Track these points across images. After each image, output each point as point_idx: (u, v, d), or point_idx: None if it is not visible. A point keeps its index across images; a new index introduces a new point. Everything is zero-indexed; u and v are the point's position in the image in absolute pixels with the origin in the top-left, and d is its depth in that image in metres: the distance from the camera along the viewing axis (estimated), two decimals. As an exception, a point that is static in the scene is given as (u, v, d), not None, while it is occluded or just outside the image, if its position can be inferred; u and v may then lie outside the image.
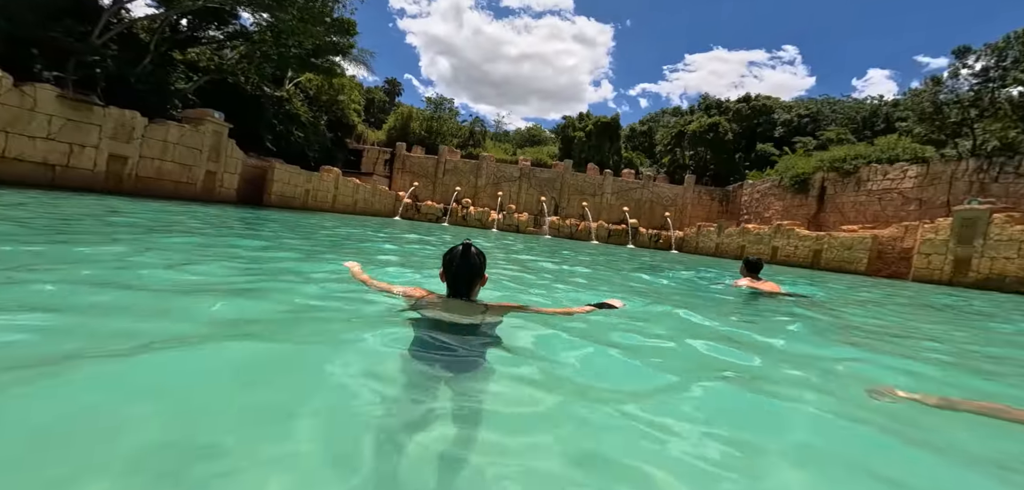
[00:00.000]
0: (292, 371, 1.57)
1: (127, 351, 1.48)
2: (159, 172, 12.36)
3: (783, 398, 1.78)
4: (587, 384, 1.74)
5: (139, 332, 1.69)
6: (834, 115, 33.31)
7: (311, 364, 1.63)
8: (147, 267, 2.97)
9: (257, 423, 1.17)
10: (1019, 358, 3.41)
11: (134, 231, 4.92)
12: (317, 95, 25.21)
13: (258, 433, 1.13)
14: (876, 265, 17.82)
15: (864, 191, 21.65)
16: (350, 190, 21.65)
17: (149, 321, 1.90)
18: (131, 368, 1.38)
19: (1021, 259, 13.25)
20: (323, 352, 1.75)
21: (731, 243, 23.90)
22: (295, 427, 1.15)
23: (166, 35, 17.72)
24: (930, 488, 1.26)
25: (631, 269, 8.44)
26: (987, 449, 1.45)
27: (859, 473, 1.27)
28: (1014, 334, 4.64)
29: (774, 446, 1.37)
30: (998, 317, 6.05)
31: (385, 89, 42.56)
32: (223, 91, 19.03)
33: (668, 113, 44.33)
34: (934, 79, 22.27)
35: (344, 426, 1.21)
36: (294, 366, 1.61)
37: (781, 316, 3.56)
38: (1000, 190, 16.73)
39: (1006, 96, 19.63)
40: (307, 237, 6.93)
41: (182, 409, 1.20)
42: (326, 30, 18.62)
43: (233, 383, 1.41)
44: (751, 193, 28.04)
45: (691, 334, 2.76)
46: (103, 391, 1.23)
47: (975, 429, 1.52)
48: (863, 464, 1.32)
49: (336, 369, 1.57)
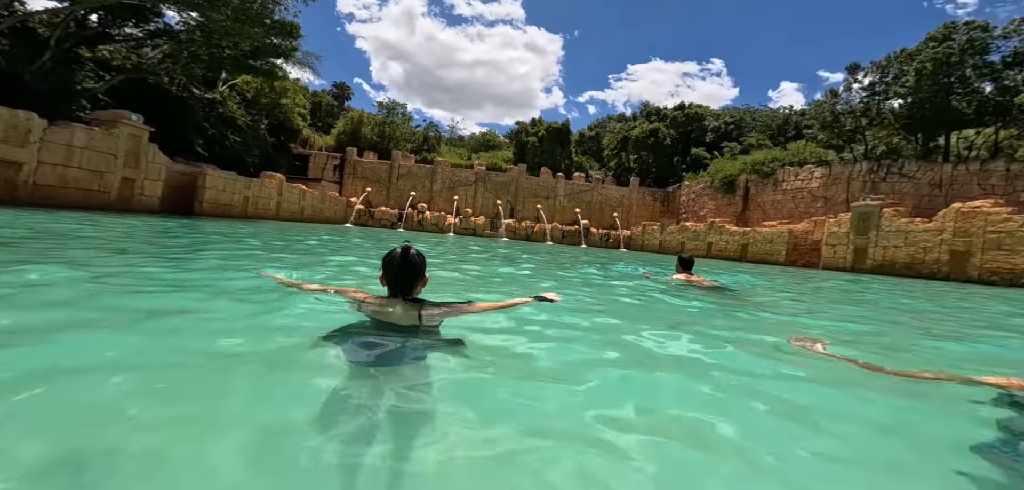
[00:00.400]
0: (214, 391, 1.44)
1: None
2: (63, 179, 11.10)
3: (710, 346, 2.34)
4: (528, 371, 1.84)
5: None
6: (755, 122, 37.09)
7: (237, 381, 1.52)
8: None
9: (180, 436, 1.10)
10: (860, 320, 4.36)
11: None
12: (256, 98, 23.71)
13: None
14: (793, 256, 20.20)
15: (780, 191, 24.36)
16: (296, 197, 20.66)
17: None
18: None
19: (907, 247, 15.75)
20: (251, 371, 1.62)
21: (673, 240, 25.83)
22: (225, 439, 1.10)
23: (71, 30, 15.89)
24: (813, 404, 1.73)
25: (584, 265, 9.05)
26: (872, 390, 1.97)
27: (755, 394, 1.76)
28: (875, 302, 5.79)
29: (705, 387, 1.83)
30: (855, 293, 7.45)
31: (333, 93, 40.85)
32: (143, 92, 17.40)
33: (614, 119, 46.83)
34: (832, 92, 25.66)
35: (278, 438, 1.14)
36: (217, 386, 1.48)
37: (704, 302, 4.28)
38: (888, 188, 19.68)
39: (889, 107, 23.12)
40: (231, 247, 6.14)
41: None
42: (265, 32, 17.65)
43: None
44: (688, 193, 30.43)
45: (623, 318, 3.20)
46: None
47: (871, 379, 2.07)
48: (758, 388, 1.84)
49: (268, 383, 1.52)
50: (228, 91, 22.10)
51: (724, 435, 1.35)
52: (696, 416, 1.50)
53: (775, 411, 1.60)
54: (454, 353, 1.88)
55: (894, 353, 2.96)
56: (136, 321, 2.14)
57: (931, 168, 19.01)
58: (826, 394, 1.84)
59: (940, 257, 14.70)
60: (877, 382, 1.94)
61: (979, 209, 14.03)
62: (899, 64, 22.08)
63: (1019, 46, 18.94)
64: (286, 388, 1.49)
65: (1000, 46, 19.31)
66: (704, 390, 1.77)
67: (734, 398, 1.73)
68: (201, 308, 2.45)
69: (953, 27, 20.41)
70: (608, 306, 3.92)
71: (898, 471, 1.28)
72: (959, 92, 19.42)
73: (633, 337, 2.58)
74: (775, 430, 1.48)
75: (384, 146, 30.88)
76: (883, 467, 1.29)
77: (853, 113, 24.04)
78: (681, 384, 1.87)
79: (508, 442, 1.21)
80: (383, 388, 1.48)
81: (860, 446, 1.42)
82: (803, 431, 1.46)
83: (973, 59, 19.11)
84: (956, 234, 14.38)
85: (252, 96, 23.62)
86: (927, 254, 15.07)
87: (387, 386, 1.49)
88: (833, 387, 1.92)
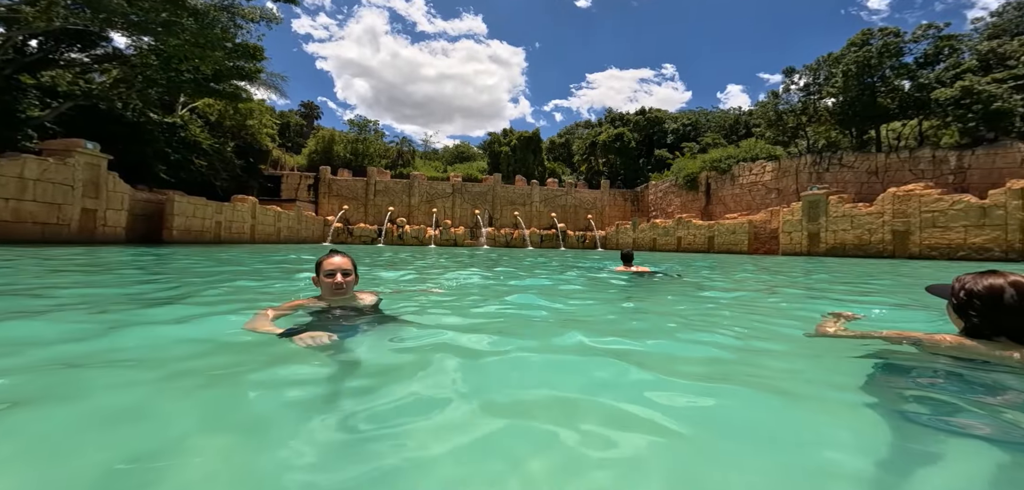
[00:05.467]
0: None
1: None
2: (17, 214, 10.42)
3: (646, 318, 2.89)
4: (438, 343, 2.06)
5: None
6: (709, 123, 39.66)
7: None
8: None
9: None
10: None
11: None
12: (220, 120, 22.74)
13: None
14: (755, 245, 21.88)
15: (738, 185, 26.28)
16: (271, 219, 19.99)
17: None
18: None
19: (854, 230, 17.56)
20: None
21: (645, 236, 27.15)
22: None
23: (9, 57, 14.72)
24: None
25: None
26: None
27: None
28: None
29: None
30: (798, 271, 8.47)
31: (301, 113, 39.66)
32: (95, 118, 16.40)
33: (581, 126, 48.48)
34: (773, 93, 28.07)
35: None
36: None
37: (640, 288, 5.11)
38: (831, 178, 21.82)
39: (824, 105, 25.64)
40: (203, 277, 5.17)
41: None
42: (227, 55, 17.06)
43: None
44: (655, 192, 32.07)
45: (562, 302, 3.73)
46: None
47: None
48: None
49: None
50: (189, 114, 21.08)
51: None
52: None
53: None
54: (395, 324, 2.26)
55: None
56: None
57: (867, 158, 21.30)
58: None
59: (884, 237, 16.55)
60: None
61: (912, 192, 15.96)
62: (828, 67, 24.61)
63: (928, 48, 21.75)
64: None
65: (912, 49, 22.09)
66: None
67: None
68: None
69: (870, 33, 23.06)
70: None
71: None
72: (882, 90, 21.97)
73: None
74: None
75: (358, 163, 30.53)
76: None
77: (793, 112, 26.43)
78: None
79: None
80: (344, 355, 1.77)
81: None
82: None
83: (890, 61, 21.73)
84: (895, 216, 16.27)
85: (215, 119, 22.65)
86: (872, 235, 16.92)
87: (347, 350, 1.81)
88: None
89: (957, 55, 21.26)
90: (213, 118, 22.49)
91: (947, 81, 20.11)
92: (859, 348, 1.86)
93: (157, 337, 2.16)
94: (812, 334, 2.19)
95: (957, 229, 14.67)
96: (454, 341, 2.05)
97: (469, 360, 1.76)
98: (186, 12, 14.39)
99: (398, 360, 1.79)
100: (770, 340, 2.39)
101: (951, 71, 20.46)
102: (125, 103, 17.56)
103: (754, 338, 2.40)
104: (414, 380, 1.54)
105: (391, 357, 1.83)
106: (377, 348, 1.91)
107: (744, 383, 1.60)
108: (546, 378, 1.66)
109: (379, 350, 1.89)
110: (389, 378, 1.58)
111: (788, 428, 1.27)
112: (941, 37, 21.58)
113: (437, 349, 1.88)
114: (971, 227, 14.39)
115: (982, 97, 17.92)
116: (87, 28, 14.56)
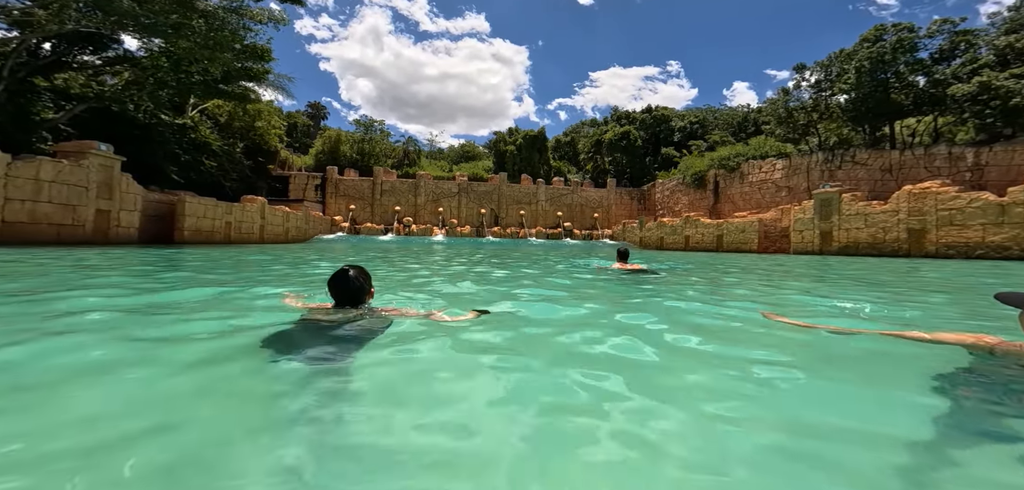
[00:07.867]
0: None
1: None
2: (33, 215, 10.52)
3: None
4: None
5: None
6: (716, 121, 39.29)
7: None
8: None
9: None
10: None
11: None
12: (229, 121, 22.92)
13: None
14: (764, 244, 21.56)
15: (747, 183, 25.98)
16: (280, 219, 20.08)
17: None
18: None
19: (868, 228, 17.26)
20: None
21: (652, 235, 26.94)
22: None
23: (22, 59, 14.90)
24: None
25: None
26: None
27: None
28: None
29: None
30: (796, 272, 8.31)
31: (308, 113, 40.02)
32: (107, 120, 16.57)
33: (586, 124, 48.33)
34: (784, 90, 27.74)
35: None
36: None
37: (619, 280, 5.36)
38: (844, 176, 21.48)
39: (836, 102, 25.28)
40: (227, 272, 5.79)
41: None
42: (236, 56, 17.17)
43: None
44: (662, 191, 31.82)
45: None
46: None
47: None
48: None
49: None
50: (199, 116, 21.25)
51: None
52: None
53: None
54: (400, 339, 2.14)
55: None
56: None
57: (880, 155, 20.95)
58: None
59: (899, 235, 16.25)
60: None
61: (929, 189, 15.65)
62: (840, 63, 24.25)
63: (943, 44, 21.35)
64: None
65: (926, 44, 21.69)
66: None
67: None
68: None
69: (883, 29, 22.67)
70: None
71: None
72: (896, 86, 21.59)
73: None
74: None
75: (364, 163, 30.71)
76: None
77: (804, 108, 26.09)
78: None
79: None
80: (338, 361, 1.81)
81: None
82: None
83: (904, 57, 21.35)
84: (911, 213, 15.96)
85: (225, 120, 22.82)
86: (887, 234, 16.62)
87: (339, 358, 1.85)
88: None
89: (974, 50, 20.84)
90: (222, 119, 22.66)
91: (964, 77, 19.71)
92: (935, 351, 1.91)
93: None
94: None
95: (975, 227, 14.36)
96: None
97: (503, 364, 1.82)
98: (196, 14, 14.50)
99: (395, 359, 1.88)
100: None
101: (968, 66, 20.06)
102: (136, 105, 17.73)
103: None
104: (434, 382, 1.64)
105: (391, 365, 1.87)
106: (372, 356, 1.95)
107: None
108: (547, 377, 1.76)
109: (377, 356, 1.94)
110: (374, 380, 1.66)
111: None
112: (957, 32, 21.17)
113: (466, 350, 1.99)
114: (989, 225, 14.08)
115: (1000, 93, 17.55)
116: (99, 30, 14.73)
